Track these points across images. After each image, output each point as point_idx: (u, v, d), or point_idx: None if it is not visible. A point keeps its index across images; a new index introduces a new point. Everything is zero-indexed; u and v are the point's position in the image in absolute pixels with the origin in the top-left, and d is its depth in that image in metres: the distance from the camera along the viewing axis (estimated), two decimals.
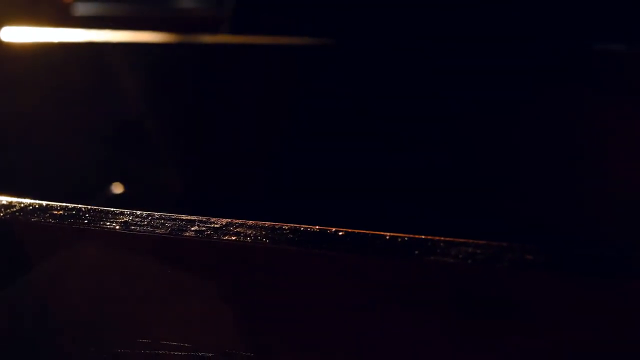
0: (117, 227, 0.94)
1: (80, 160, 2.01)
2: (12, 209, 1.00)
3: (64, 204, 0.99)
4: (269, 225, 0.91)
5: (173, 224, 0.94)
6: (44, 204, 1.00)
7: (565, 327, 0.81)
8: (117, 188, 2.02)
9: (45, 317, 1.01)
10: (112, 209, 0.98)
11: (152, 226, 0.94)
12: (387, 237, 0.85)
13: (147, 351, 0.95)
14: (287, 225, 0.91)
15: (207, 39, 2.07)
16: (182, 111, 2.02)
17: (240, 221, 0.92)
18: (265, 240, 0.89)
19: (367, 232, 0.86)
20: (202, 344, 0.94)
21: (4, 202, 1.01)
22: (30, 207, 1.00)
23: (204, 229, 0.92)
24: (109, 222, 0.95)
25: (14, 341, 1.03)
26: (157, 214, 0.95)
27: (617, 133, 1.77)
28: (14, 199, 1.01)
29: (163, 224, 0.94)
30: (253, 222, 0.92)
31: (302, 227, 0.90)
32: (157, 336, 0.96)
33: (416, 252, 0.83)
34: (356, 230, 0.87)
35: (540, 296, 0.81)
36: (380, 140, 1.90)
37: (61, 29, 2.13)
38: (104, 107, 2.04)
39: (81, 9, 2.65)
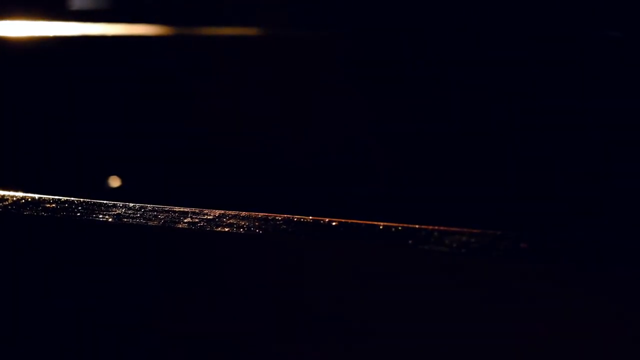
0: (110, 219, 0.94)
1: (74, 152, 2.01)
2: (4, 203, 0.99)
3: (57, 197, 0.99)
4: (262, 216, 0.91)
5: (166, 215, 0.93)
6: (37, 197, 0.99)
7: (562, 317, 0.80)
8: (113, 181, 2.01)
9: (40, 311, 1.00)
10: (104, 202, 0.97)
11: (144, 218, 0.93)
12: (381, 227, 0.85)
13: (140, 343, 0.95)
14: (280, 216, 0.90)
15: (208, 30, 2.06)
16: (176, 103, 2.01)
17: (233, 212, 0.92)
18: (259, 231, 0.88)
19: (360, 222, 0.86)
20: (196, 336, 0.94)
21: None
22: (23, 201, 0.99)
23: (197, 220, 0.92)
24: (101, 214, 0.95)
25: (9, 334, 1.02)
26: (149, 206, 0.95)
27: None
28: (6, 192, 1.01)
29: (156, 216, 0.94)
30: (246, 213, 0.91)
31: (295, 217, 0.89)
32: (151, 328, 0.95)
33: (410, 241, 0.83)
34: (349, 220, 0.86)
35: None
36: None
37: (58, 22, 2.12)
38: (97, 100, 2.04)
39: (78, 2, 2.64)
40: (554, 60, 1.83)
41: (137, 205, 0.96)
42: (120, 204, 0.97)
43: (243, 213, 0.91)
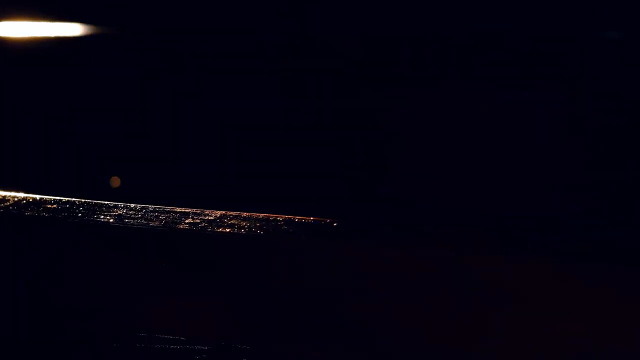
0: (111, 220, 0.94)
1: (75, 153, 2.01)
2: (6, 203, 0.99)
3: (58, 198, 0.99)
4: (263, 217, 0.91)
5: (167, 216, 0.94)
6: (38, 198, 0.99)
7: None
8: (114, 181, 2.01)
9: (39, 311, 1.01)
10: (105, 202, 0.97)
11: (146, 219, 0.93)
12: (382, 227, 0.85)
13: (142, 344, 0.95)
14: (281, 217, 0.90)
15: (207, 31, 2.06)
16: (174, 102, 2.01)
17: (234, 213, 0.92)
18: (260, 231, 0.89)
19: (361, 222, 0.86)
20: (197, 337, 0.94)
21: None
22: (24, 201, 0.99)
23: (198, 221, 0.92)
24: (102, 215, 0.95)
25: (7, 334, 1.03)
26: (151, 207, 0.95)
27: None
28: (8, 193, 1.01)
29: (157, 216, 0.94)
30: (247, 213, 0.92)
31: (297, 218, 0.89)
32: (153, 329, 0.95)
33: (411, 241, 0.83)
34: (350, 221, 0.86)
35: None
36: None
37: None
38: (97, 100, 2.04)
39: None
40: (554, 60, 1.83)
41: (139, 205, 0.96)
42: (122, 204, 0.97)
43: (244, 214, 0.91)
